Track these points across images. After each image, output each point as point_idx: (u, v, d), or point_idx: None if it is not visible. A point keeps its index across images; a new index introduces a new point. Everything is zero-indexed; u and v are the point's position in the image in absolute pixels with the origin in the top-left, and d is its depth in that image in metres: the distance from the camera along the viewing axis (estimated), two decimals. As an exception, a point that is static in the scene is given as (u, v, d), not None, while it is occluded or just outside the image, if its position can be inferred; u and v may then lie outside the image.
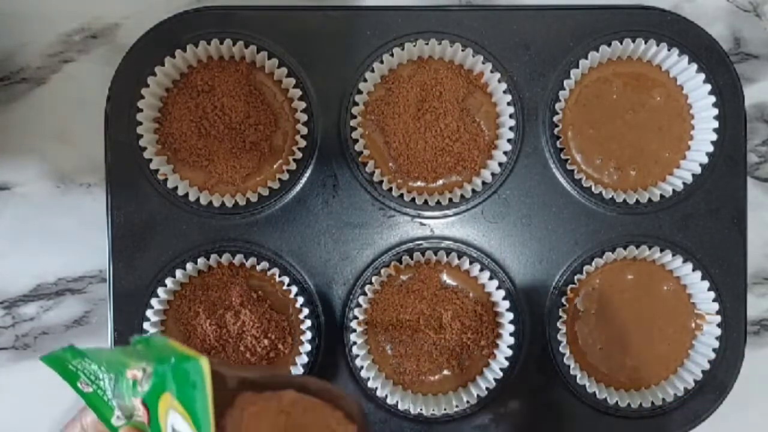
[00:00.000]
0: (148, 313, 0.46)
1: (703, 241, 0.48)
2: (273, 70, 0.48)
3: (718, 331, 0.48)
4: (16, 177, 0.50)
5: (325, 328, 0.48)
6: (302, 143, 0.47)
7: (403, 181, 0.49)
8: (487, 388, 0.47)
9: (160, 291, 0.47)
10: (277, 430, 0.26)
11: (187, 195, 0.47)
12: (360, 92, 0.48)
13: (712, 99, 0.47)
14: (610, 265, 0.49)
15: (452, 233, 0.49)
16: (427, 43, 0.47)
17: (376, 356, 0.49)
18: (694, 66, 0.48)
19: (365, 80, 0.47)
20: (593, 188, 0.48)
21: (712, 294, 0.48)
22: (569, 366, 0.48)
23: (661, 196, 0.48)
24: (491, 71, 0.48)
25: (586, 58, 0.48)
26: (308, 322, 0.47)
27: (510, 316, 0.47)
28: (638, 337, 0.49)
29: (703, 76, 0.48)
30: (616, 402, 0.48)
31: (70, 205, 0.50)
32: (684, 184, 0.48)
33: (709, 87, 0.47)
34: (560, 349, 0.48)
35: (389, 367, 0.49)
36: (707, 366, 0.48)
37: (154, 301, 0.47)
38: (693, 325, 0.49)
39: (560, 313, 0.48)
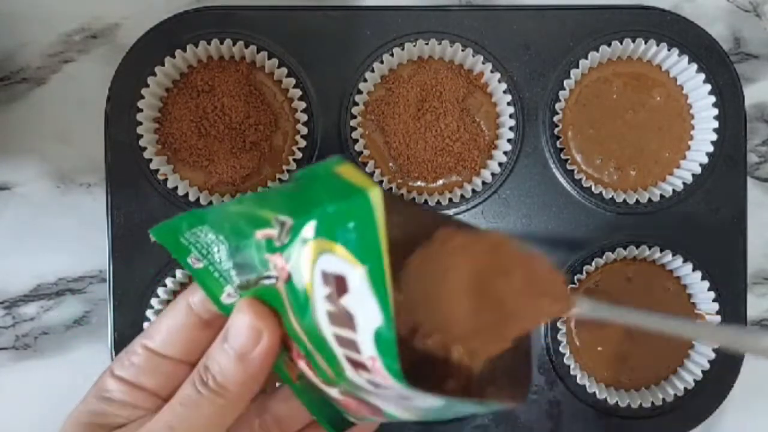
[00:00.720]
0: (148, 313, 0.46)
1: (703, 241, 0.48)
2: (273, 70, 0.48)
3: (718, 331, 0.48)
4: (16, 177, 0.50)
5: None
6: (302, 143, 0.47)
7: (403, 181, 0.49)
8: (487, 388, 0.47)
9: (160, 291, 0.47)
10: (478, 267, 0.24)
11: (187, 195, 0.47)
12: (360, 92, 0.48)
13: (712, 99, 0.47)
14: (610, 265, 0.49)
15: (452, 233, 0.48)
16: (427, 43, 0.47)
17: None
18: (694, 66, 0.48)
19: (365, 80, 0.47)
20: (593, 188, 0.48)
21: (712, 294, 0.48)
22: (569, 366, 0.47)
23: (661, 196, 0.48)
24: (491, 71, 0.48)
25: (586, 58, 0.48)
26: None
27: (510, 316, 0.47)
28: (638, 337, 0.49)
29: (703, 76, 0.48)
30: (616, 402, 0.47)
31: (70, 205, 0.50)
32: (684, 184, 0.48)
33: (709, 87, 0.47)
34: (560, 349, 0.48)
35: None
36: (707, 366, 0.48)
37: (154, 301, 0.46)
38: (693, 325, 0.49)
39: (560, 313, 0.48)
